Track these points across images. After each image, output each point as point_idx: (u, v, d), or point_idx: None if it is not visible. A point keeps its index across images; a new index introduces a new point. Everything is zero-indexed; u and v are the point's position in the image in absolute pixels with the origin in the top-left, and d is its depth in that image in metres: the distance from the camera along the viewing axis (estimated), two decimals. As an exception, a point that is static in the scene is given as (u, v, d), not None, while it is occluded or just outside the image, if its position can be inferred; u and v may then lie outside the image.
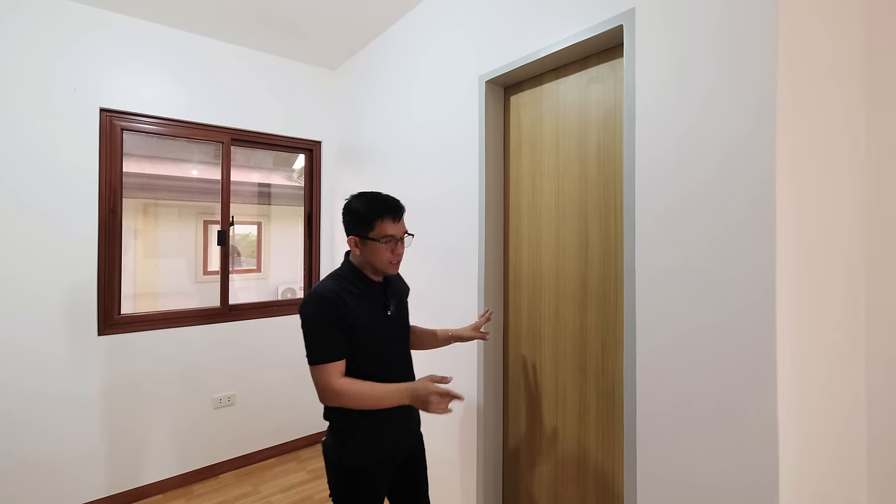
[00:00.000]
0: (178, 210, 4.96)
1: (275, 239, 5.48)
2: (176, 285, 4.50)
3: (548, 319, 1.72)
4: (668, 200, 1.22)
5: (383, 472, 1.33)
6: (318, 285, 1.29)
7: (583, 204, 1.59)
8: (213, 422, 2.58)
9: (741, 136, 1.07)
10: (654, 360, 1.25)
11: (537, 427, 1.76)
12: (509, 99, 1.87)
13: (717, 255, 1.12)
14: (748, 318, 1.06)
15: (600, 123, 1.53)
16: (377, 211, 1.28)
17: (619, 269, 1.46)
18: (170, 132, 2.45)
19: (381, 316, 1.33)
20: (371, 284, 1.34)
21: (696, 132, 1.16)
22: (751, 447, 1.06)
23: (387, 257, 1.29)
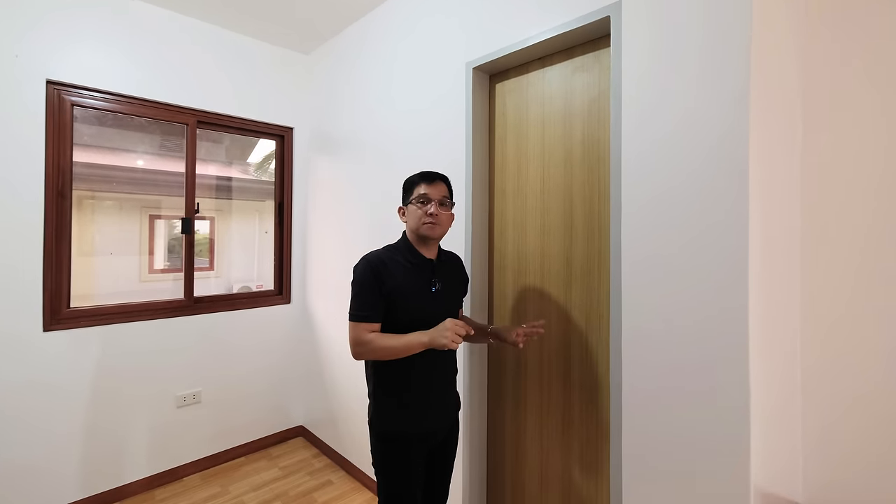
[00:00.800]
0: (119, 204, 4.61)
1: (230, 235, 5.23)
2: (117, 286, 4.17)
3: (533, 298, 1.79)
4: (653, 189, 1.31)
5: (421, 445, 1.38)
6: (371, 252, 1.39)
7: (568, 187, 1.67)
8: (177, 421, 2.43)
9: (721, 129, 1.18)
10: (640, 336, 1.34)
11: (522, 402, 1.82)
12: (495, 86, 1.93)
13: (699, 241, 1.22)
14: (725, 298, 1.17)
15: (585, 111, 1.62)
16: (416, 178, 1.42)
17: (604, 247, 1.55)
18: (128, 110, 2.28)
19: (425, 291, 1.38)
20: (421, 259, 1.40)
21: (680, 123, 1.26)
22: (726, 409, 1.17)
23: (419, 215, 1.36)
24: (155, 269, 4.70)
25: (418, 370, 1.36)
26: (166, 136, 3.96)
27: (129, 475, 2.27)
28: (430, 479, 1.48)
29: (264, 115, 2.77)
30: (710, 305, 1.20)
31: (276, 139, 2.90)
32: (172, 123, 2.45)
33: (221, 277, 5.20)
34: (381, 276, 1.30)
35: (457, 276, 1.54)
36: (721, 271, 1.18)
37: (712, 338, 1.19)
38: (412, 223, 1.39)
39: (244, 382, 2.69)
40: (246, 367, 2.71)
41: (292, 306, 2.95)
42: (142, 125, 3.70)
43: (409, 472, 1.36)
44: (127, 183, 4.45)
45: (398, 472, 1.36)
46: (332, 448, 2.67)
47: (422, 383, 1.37)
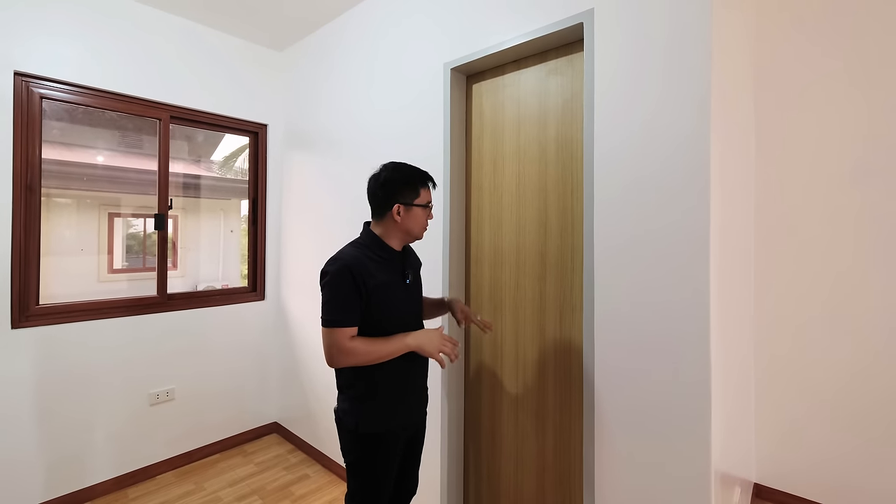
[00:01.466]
0: (76, 202, 4.42)
1: (194, 234, 5.08)
2: (73, 286, 4.02)
3: (509, 290, 1.87)
4: (623, 183, 1.42)
5: (398, 439, 1.37)
6: (340, 251, 1.33)
7: (542, 184, 1.76)
8: (150, 419, 2.39)
9: (685, 128, 1.29)
10: (610, 320, 1.44)
11: (498, 389, 1.89)
12: (472, 87, 2.00)
13: (666, 228, 1.33)
14: (689, 280, 1.28)
15: (559, 111, 1.71)
16: (422, 178, 1.38)
17: (577, 241, 1.65)
18: (99, 104, 2.23)
19: (400, 283, 1.38)
20: (392, 253, 1.38)
21: (647, 123, 1.37)
22: (690, 374, 1.28)
23: (423, 222, 1.39)
24: (114, 269, 4.54)
25: (396, 368, 1.34)
26: (126, 133, 3.83)
27: (99, 474, 2.22)
28: (401, 470, 1.48)
29: (238, 111, 2.75)
30: (674, 288, 1.31)
31: (250, 136, 2.88)
32: (142, 118, 2.40)
33: (186, 277, 5.06)
34: (361, 276, 1.25)
35: (417, 263, 1.55)
36: (684, 258, 1.29)
37: (676, 318, 1.30)
38: (411, 226, 1.37)
39: (218, 379, 2.67)
40: (220, 364, 2.68)
41: (267, 303, 2.94)
42: (101, 121, 3.57)
43: (385, 469, 1.35)
44: (85, 180, 4.26)
45: (377, 471, 1.34)
46: (307, 443, 2.68)
47: (399, 381, 1.36)
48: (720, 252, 1.36)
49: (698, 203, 1.26)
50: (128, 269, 4.69)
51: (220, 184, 5.27)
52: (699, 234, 1.26)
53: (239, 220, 5.13)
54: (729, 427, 1.56)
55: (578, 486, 1.63)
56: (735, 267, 1.77)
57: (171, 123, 2.45)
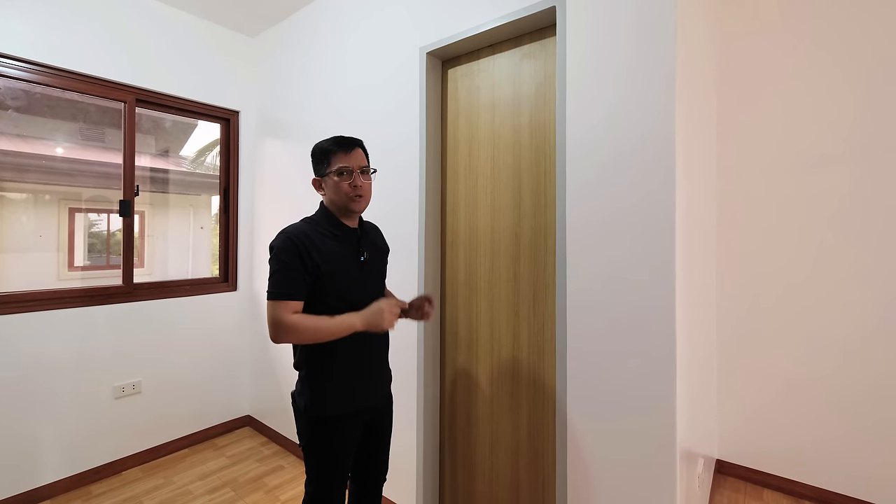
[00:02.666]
0: (33, 196, 4.20)
1: (161, 230, 4.92)
2: (30, 284, 3.84)
3: (484, 273, 1.89)
4: (594, 164, 1.45)
5: (355, 423, 1.34)
6: (289, 226, 1.30)
7: (516, 167, 1.79)
8: (115, 413, 2.30)
9: (653, 110, 1.34)
10: (584, 296, 1.48)
11: (473, 370, 1.91)
12: (447, 72, 2.01)
13: (634, 206, 1.37)
14: (655, 256, 1.33)
15: (532, 95, 1.74)
16: (332, 146, 1.32)
17: (550, 222, 1.68)
18: (58, 84, 2.13)
19: (353, 261, 1.33)
20: (345, 230, 1.34)
21: (617, 105, 1.41)
22: (657, 350, 1.32)
23: (345, 189, 1.29)
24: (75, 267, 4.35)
25: (351, 348, 1.30)
26: (89, 126, 3.68)
27: (59, 471, 2.12)
28: (366, 454, 1.44)
29: (209, 96, 2.68)
30: (642, 265, 1.35)
31: (221, 122, 2.81)
32: (105, 107, 2.31)
33: (153, 274, 4.89)
34: (306, 249, 1.22)
35: (380, 245, 1.50)
36: (652, 234, 1.33)
37: (644, 295, 1.35)
38: (334, 196, 1.31)
39: (187, 372, 2.59)
40: (189, 355, 2.60)
41: (239, 293, 2.87)
42: (61, 112, 3.41)
43: (341, 452, 1.31)
44: (42, 173, 4.06)
45: (329, 453, 1.30)
46: (282, 435, 2.64)
47: (355, 362, 1.32)
48: (685, 230, 1.42)
49: (664, 181, 1.31)
50: (90, 266, 4.51)
51: (189, 178, 5.13)
52: (665, 210, 1.31)
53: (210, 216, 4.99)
54: (694, 404, 1.62)
55: (552, 464, 1.66)
56: (699, 247, 1.84)
57: (136, 107, 2.36)
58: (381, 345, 1.43)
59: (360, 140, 1.37)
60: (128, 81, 2.32)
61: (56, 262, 4.34)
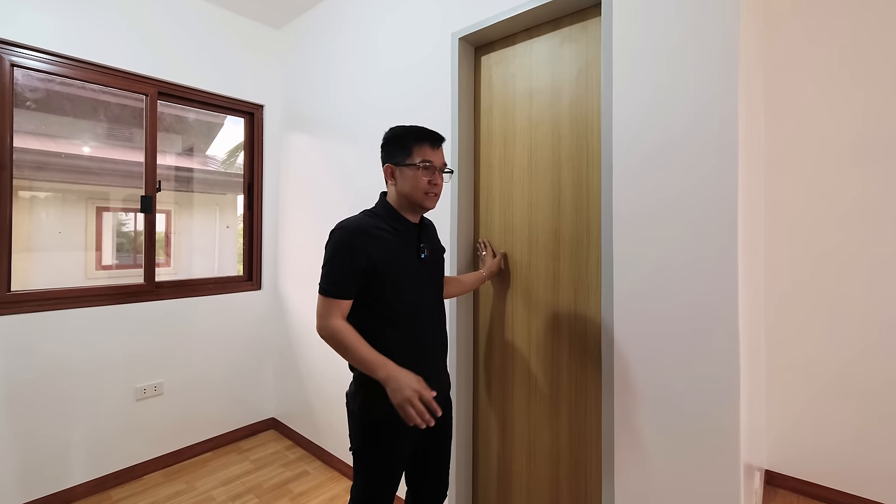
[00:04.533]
0: (61, 195, 4.26)
1: (188, 229, 4.97)
2: (59, 284, 3.87)
3: (520, 271, 1.77)
4: (644, 149, 1.33)
5: (406, 430, 1.22)
6: (349, 218, 1.23)
7: (555, 158, 1.67)
8: (136, 416, 2.24)
9: (710, 89, 1.21)
10: (634, 295, 1.36)
11: (510, 374, 1.80)
12: (480, 59, 1.90)
13: (692, 193, 1.24)
14: (715, 243, 1.20)
15: (573, 81, 1.62)
16: (415, 135, 1.23)
17: (593, 216, 1.56)
18: (79, 76, 2.09)
19: (413, 258, 1.26)
20: (406, 225, 1.27)
21: (669, 86, 1.28)
22: (718, 352, 1.19)
23: (423, 185, 1.21)
24: (103, 266, 4.37)
25: (409, 349, 1.22)
26: (114, 124, 3.68)
27: (79, 475, 2.07)
28: (424, 468, 1.35)
29: (232, 90, 2.62)
30: (700, 255, 1.22)
31: (245, 117, 2.75)
32: (125, 105, 2.26)
33: (179, 274, 4.94)
34: (364, 246, 1.15)
35: (437, 245, 1.43)
36: (711, 220, 1.20)
37: (703, 289, 1.22)
38: (408, 189, 1.22)
39: (210, 373, 2.53)
40: (212, 356, 2.54)
41: (263, 292, 2.81)
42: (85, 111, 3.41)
43: (395, 460, 1.24)
44: (70, 172, 4.10)
45: (382, 460, 1.22)
46: (307, 439, 2.56)
47: (412, 363, 1.20)
48: (745, 219, 1.28)
49: (727, 165, 1.18)
50: (118, 265, 4.54)
51: (214, 178, 5.14)
52: (727, 192, 1.18)
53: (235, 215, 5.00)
54: (751, 408, 1.48)
55: (595, 478, 1.54)
56: (752, 239, 1.69)
57: (158, 100, 2.31)
58: (438, 347, 1.35)
59: (444, 138, 1.31)
60: (149, 73, 2.26)
61: (84, 262, 4.38)
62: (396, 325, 1.20)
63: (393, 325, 1.21)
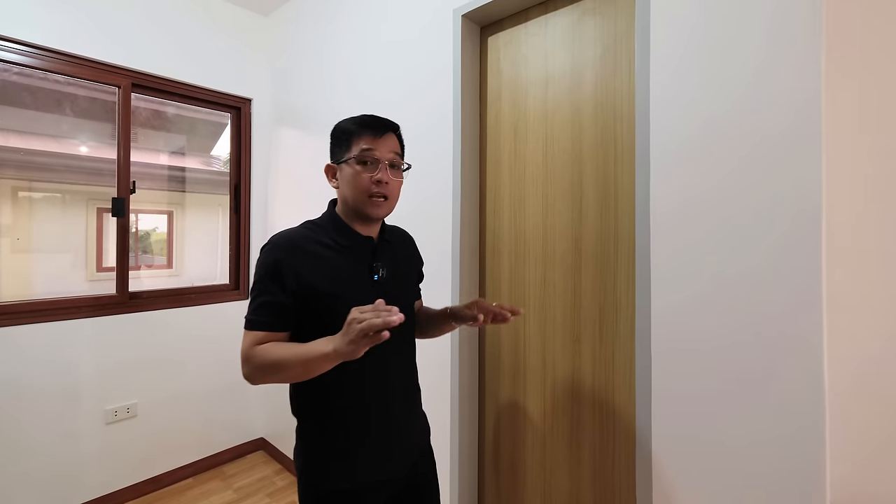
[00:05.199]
0: (61, 195, 4.19)
1: (189, 230, 4.84)
2: (59, 285, 3.73)
3: (534, 287, 1.52)
4: (691, 133, 1.08)
5: (375, 497, 0.97)
6: (284, 230, 0.98)
7: (576, 152, 1.41)
8: (106, 441, 2.03)
9: (782, 66, 0.94)
10: (673, 319, 1.10)
11: (521, 409, 1.54)
12: (486, 39, 1.65)
13: (755, 189, 0.98)
14: (793, 258, 0.93)
15: (597, 61, 1.36)
16: (354, 123, 0.98)
17: (623, 222, 1.30)
18: (43, 66, 1.89)
19: (363, 281, 0.97)
20: (356, 239, 0.99)
21: (724, 61, 1.02)
22: (795, 413, 0.92)
23: (364, 185, 0.94)
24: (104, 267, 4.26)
25: (357, 388, 0.94)
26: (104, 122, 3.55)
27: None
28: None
29: (217, 82, 2.40)
30: (773, 272, 0.95)
31: (231, 112, 2.53)
32: (101, 86, 2.05)
33: (181, 276, 4.83)
34: (292, 265, 0.90)
35: (408, 260, 1.14)
36: (792, 233, 0.93)
37: (772, 313, 0.95)
38: (349, 192, 0.96)
39: (191, 391, 2.31)
40: (193, 372, 2.33)
41: (251, 303, 2.58)
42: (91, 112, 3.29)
43: None
44: (70, 172, 4.02)
45: None
46: (296, 464, 2.33)
47: (364, 408, 0.95)
48: (834, 222, 1.01)
49: (809, 159, 0.91)
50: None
51: (217, 178, 5.06)
52: (808, 199, 0.91)
53: (231, 210, 4.90)
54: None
55: (628, 535, 1.28)
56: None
57: (133, 93, 2.10)
58: (405, 380, 1.05)
59: (397, 125, 1.02)
60: (121, 63, 2.05)
61: (84, 262, 4.26)
62: (342, 365, 0.85)
63: (338, 366, 0.87)
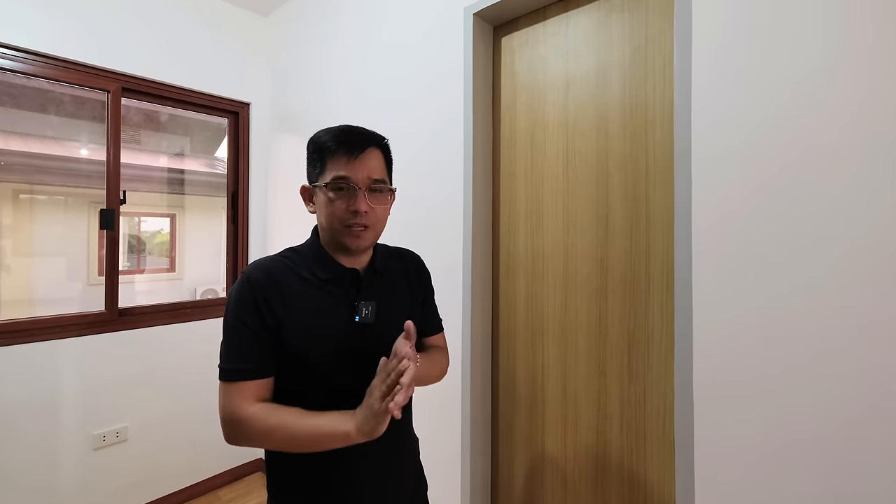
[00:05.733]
0: (63, 198, 4.15)
1: (192, 233, 4.77)
2: (59, 289, 3.64)
3: (553, 312, 1.37)
4: (736, 139, 0.94)
5: None
6: (260, 259, 0.83)
7: (601, 163, 1.27)
8: (94, 467, 1.90)
9: (863, 60, 0.80)
10: (721, 354, 0.96)
11: (536, 439, 1.40)
12: (500, 40, 1.51)
13: (805, 194, 0.84)
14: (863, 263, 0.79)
15: (626, 62, 1.22)
16: (327, 141, 0.83)
17: (655, 240, 1.16)
18: (27, 70, 1.77)
19: (342, 322, 0.80)
20: (338, 271, 0.83)
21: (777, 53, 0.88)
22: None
23: (339, 214, 0.79)
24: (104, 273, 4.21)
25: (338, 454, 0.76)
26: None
27: (25, 541, 1.75)
28: None
29: (213, 86, 2.27)
30: (848, 295, 0.81)
31: (229, 116, 2.41)
32: (90, 91, 1.94)
33: (184, 280, 4.77)
34: (268, 302, 0.76)
35: (407, 291, 0.94)
36: (864, 224, 0.79)
37: (843, 331, 0.80)
38: (324, 221, 0.82)
39: (185, 412, 2.19)
40: (188, 392, 2.20)
41: (249, 317, 2.45)
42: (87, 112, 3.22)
43: None
44: (71, 175, 3.97)
45: None
46: (296, 490, 2.20)
47: (352, 473, 0.80)
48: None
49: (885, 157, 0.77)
50: (125, 270, 4.39)
51: (218, 179, 5.03)
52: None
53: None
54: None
55: None
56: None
57: (123, 97, 1.98)
58: (395, 441, 0.85)
59: (380, 137, 0.86)
60: (112, 67, 1.93)
61: (87, 266, 4.22)
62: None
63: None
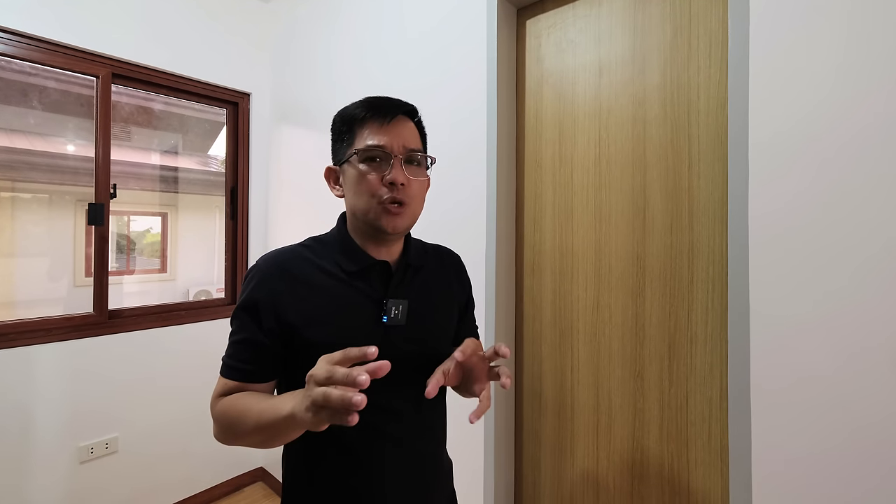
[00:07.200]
0: (47, 196, 3.99)
1: (185, 232, 4.62)
2: (42, 291, 3.47)
3: (583, 312, 1.29)
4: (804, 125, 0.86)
5: None
6: (279, 248, 0.74)
7: (638, 154, 1.19)
8: (81, 482, 1.77)
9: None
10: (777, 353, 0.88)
11: (565, 446, 1.31)
12: (524, 24, 1.43)
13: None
14: None
15: (666, 46, 1.15)
16: (356, 110, 0.72)
17: (699, 236, 1.08)
18: (9, 52, 1.64)
19: (367, 323, 0.70)
20: (364, 262, 0.73)
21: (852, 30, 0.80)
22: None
23: (373, 188, 0.68)
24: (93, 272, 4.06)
25: (361, 474, 0.70)
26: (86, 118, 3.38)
27: (6, 563, 1.61)
28: None
29: (210, 74, 2.15)
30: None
31: (227, 107, 2.29)
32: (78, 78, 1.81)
33: (176, 280, 4.65)
34: (277, 298, 0.67)
35: (444, 292, 0.83)
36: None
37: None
38: (354, 200, 0.72)
39: (180, 420, 2.06)
40: (183, 399, 2.07)
41: (248, 319, 2.33)
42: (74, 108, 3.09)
43: None
44: (55, 172, 3.81)
45: None
46: (298, 501, 2.09)
47: (361, 479, 0.70)
48: None
49: None
50: (113, 271, 4.25)
51: (212, 178, 4.92)
52: None
53: (230, 214, 4.81)
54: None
55: None
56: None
57: (113, 84, 1.85)
58: (423, 470, 0.75)
59: (413, 107, 0.76)
60: (101, 50, 1.80)
61: (72, 267, 4.05)
62: (340, 443, 0.68)
63: (334, 443, 0.68)
